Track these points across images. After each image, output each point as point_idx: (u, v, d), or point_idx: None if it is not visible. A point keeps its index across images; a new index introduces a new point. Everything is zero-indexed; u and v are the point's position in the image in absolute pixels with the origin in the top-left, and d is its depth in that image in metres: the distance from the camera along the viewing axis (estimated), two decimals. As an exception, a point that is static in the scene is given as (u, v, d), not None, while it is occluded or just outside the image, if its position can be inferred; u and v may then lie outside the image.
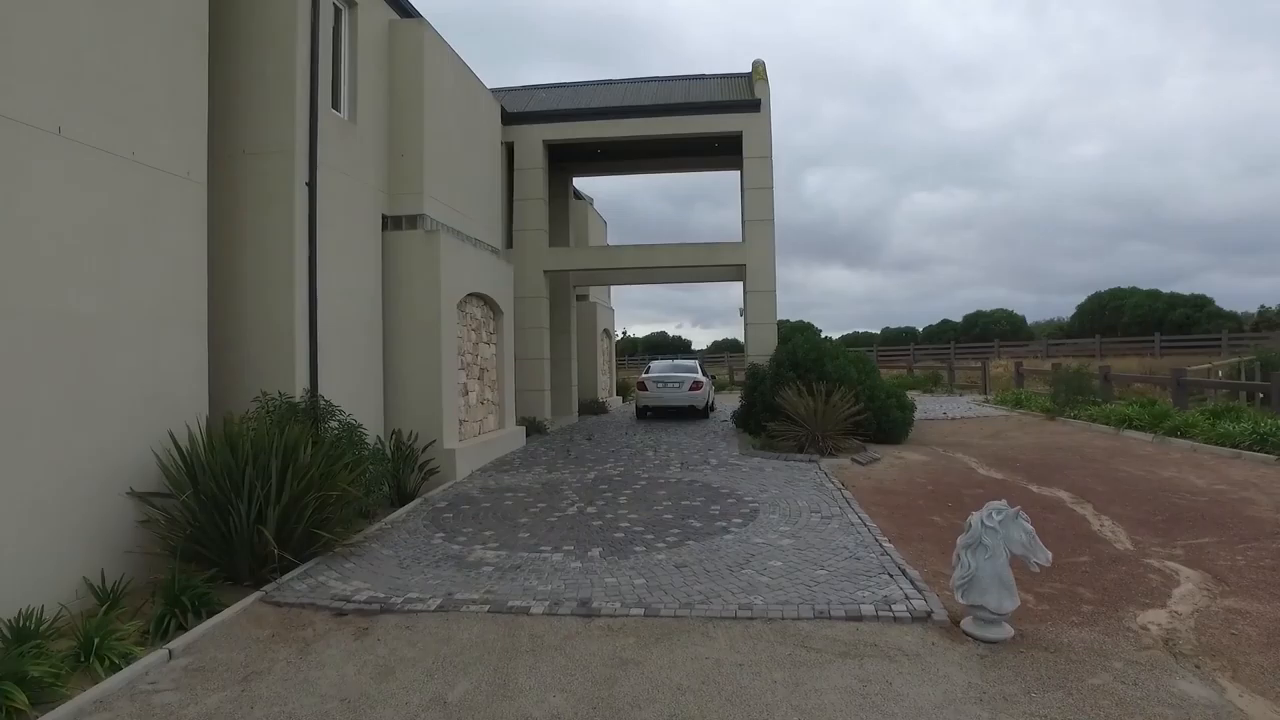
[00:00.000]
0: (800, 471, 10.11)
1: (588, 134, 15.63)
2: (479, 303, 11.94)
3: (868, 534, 6.83)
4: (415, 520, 7.86)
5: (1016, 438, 13.79)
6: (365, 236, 9.46)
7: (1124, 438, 12.91)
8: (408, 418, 9.81)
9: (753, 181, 15.07)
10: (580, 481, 9.77)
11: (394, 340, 9.90)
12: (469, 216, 11.74)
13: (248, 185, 7.86)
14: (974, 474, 10.13)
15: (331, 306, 8.48)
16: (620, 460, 11.51)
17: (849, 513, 7.65)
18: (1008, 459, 11.31)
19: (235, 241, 7.81)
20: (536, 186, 15.74)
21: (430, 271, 9.92)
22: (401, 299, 9.92)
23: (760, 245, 15.06)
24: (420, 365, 9.87)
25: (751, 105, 15.09)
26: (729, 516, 7.63)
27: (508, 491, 9.20)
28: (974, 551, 4.67)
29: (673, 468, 10.67)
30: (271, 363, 7.79)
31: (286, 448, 6.39)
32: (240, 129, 7.89)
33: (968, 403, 21.64)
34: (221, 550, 5.94)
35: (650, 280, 19.05)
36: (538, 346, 15.55)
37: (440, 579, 5.89)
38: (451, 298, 10.35)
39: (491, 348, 12.42)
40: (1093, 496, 8.41)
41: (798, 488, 9.00)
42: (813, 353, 13.48)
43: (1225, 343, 31.09)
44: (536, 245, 15.78)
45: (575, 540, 6.90)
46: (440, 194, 10.60)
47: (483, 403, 11.92)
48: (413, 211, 10.10)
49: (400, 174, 10.09)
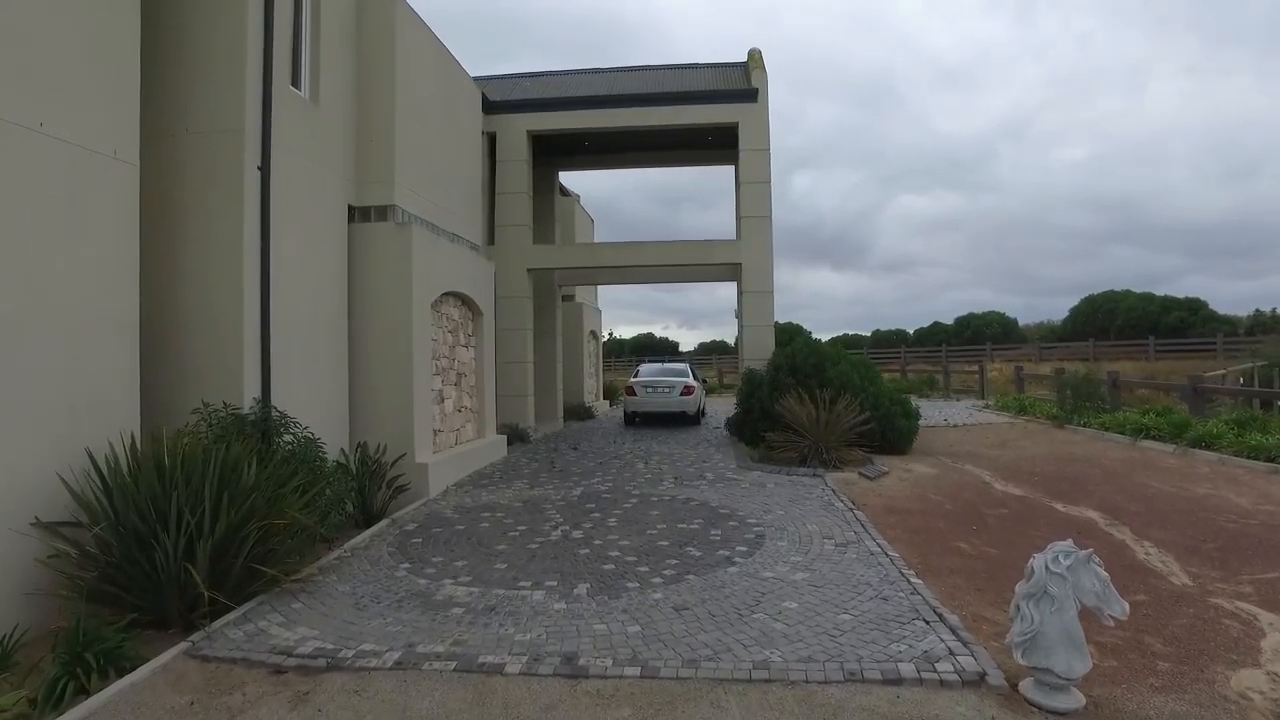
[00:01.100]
0: (805, 488, 9.32)
1: (574, 124, 14.78)
2: (456, 303, 11.08)
3: (890, 566, 6.05)
4: (380, 546, 7.00)
5: (1026, 447, 13.10)
6: (329, 228, 8.59)
7: (1142, 449, 12.23)
8: (376, 429, 8.94)
9: (749, 175, 14.28)
10: (565, 499, 8.93)
11: (361, 343, 9.03)
12: (446, 210, 10.88)
13: (191, 168, 6.98)
14: (991, 490, 9.39)
15: (288, 305, 7.62)
16: (609, 473, 10.68)
17: (865, 538, 6.86)
18: (1022, 472, 10.59)
19: (176, 231, 6.93)
20: (520, 180, 14.88)
21: (401, 267, 9.06)
22: (369, 298, 9.06)
23: (757, 243, 14.28)
24: (390, 371, 9.00)
25: (748, 95, 14.30)
26: (732, 543, 6.83)
27: (485, 511, 8.35)
28: (1037, 603, 3.89)
29: (666, 483, 9.85)
30: (216, 369, 6.91)
31: (225, 469, 5.53)
32: (183, 105, 7.00)
33: (967, 408, 20.98)
34: (145, 591, 5.07)
35: (639, 280, 18.27)
36: (521, 349, 14.69)
37: (401, 624, 5.04)
38: (425, 296, 9.49)
39: (470, 351, 11.56)
40: (1127, 517, 7.68)
41: (805, 507, 8.22)
42: (813, 357, 12.71)
43: (1221, 347, 30.73)
44: (520, 242, 14.92)
45: (559, 573, 6.07)
46: (414, 184, 9.74)
47: (460, 410, 11.06)
48: (382, 202, 9.23)
49: (369, 161, 9.22)
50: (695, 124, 14.62)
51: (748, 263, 14.30)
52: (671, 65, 16.91)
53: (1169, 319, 35.45)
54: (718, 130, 15.22)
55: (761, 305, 14.31)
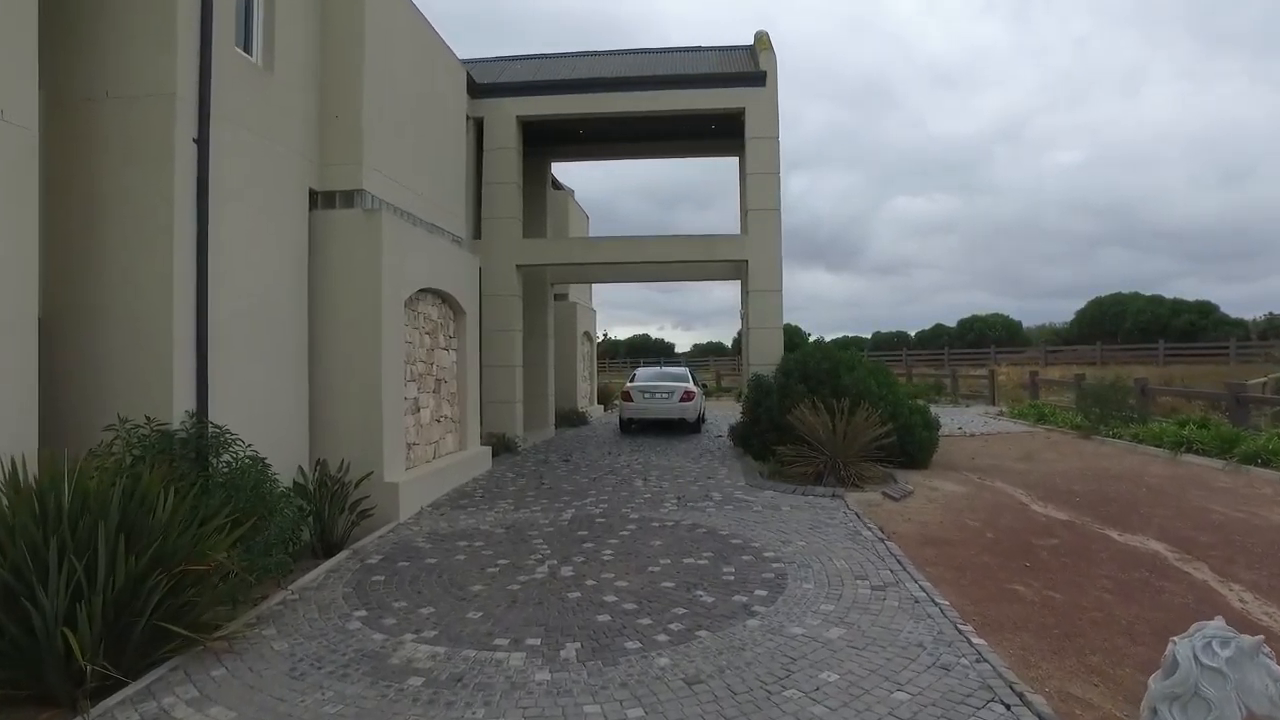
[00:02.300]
0: (825, 512, 8.29)
1: (567, 109, 13.70)
2: (435, 301, 10.02)
3: (942, 618, 5.03)
4: (334, 586, 5.94)
5: (1054, 461, 12.10)
6: (285, 215, 7.52)
7: (1186, 464, 11.24)
8: (340, 444, 7.88)
9: (756, 165, 13.23)
10: (554, 524, 7.88)
11: (324, 346, 7.97)
12: (424, 198, 9.82)
13: (111, 138, 5.91)
14: (1030, 512, 8.39)
15: (233, 302, 6.56)
16: (603, 492, 9.63)
17: (905, 579, 5.83)
18: (1059, 490, 9.59)
19: (92, 212, 5.86)
20: (509, 169, 13.79)
21: (369, 260, 8.00)
22: (333, 294, 8.00)
23: (764, 238, 13.23)
24: (356, 377, 7.95)
25: (755, 78, 13.25)
26: (748, 584, 5.79)
27: (462, 539, 7.30)
28: (1185, 709, 2.87)
29: (668, 504, 8.80)
30: (141, 376, 5.84)
31: (129, 503, 4.48)
32: (101, 63, 5.93)
33: (980, 415, 19.99)
34: (19, 662, 4.02)
35: (637, 278, 17.22)
36: (508, 352, 13.61)
37: (343, 702, 3.99)
38: (398, 293, 8.43)
39: (451, 354, 10.50)
40: (1199, 550, 6.68)
41: (827, 536, 7.19)
42: (825, 362, 11.69)
43: (1234, 351, 29.85)
44: (508, 236, 13.84)
45: (544, 626, 5.03)
46: (386, 167, 8.68)
47: (439, 420, 9.99)
48: (349, 186, 8.17)
49: (334, 140, 8.16)
50: (698, 109, 13.56)
51: (754, 260, 13.26)
52: (673, 49, 15.85)
53: (1179, 322, 34.54)
54: (722, 118, 14.18)
55: (769, 306, 13.26)
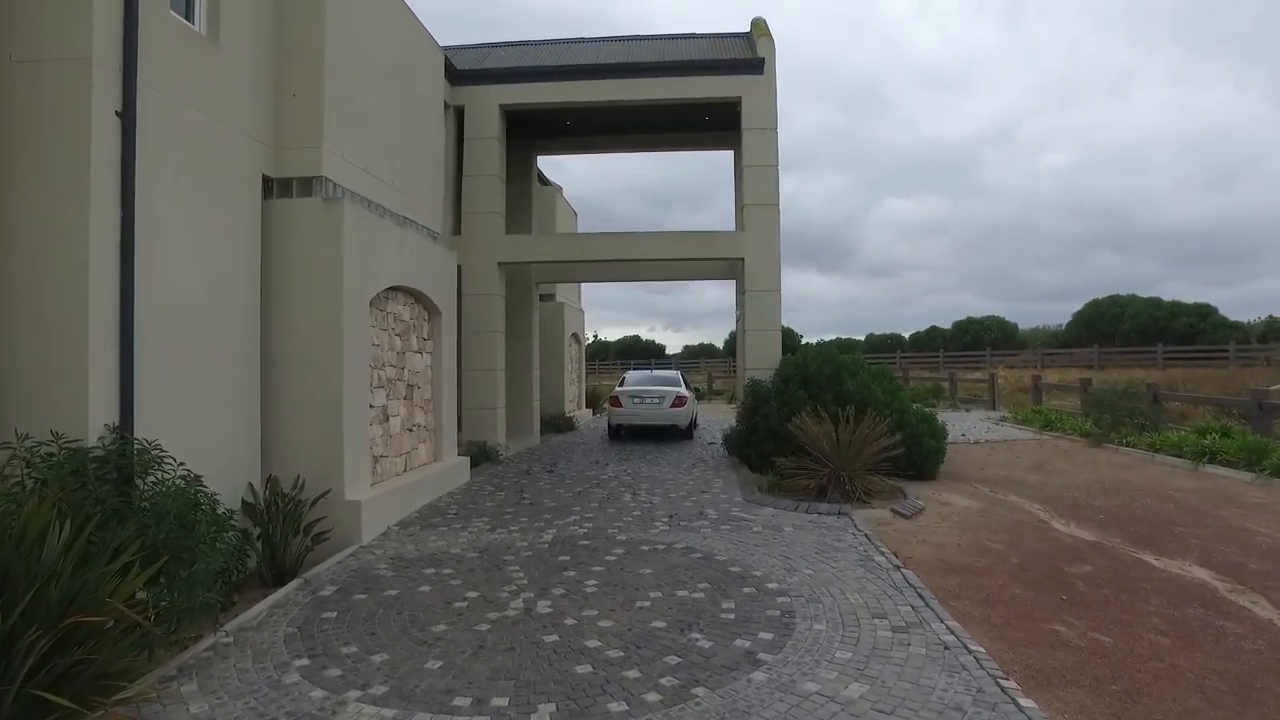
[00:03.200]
0: (832, 532, 7.55)
1: (554, 97, 12.92)
2: (408, 300, 9.24)
3: (978, 669, 4.30)
4: (277, 625, 5.16)
5: (1068, 472, 11.43)
6: (234, 202, 6.73)
7: (1210, 476, 10.57)
8: (296, 458, 7.10)
9: (753, 158, 12.50)
10: (532, 547, 7.12)
11: (278, 349, 7.18)
12: (396, 189, 9.04)
13: (17, 109, 5.12)
14: (1053, 532, 7.69)
15: (169, 301, 5.79)
16: (589, 508, 8.86)
17: (930, 618, 5.11)
18: (1079, 506, 8.90)
19: (-8, 196, 5.06)
20: (491, 161, 13.01)
21: (330, 253, 7.22)
22: (289, 292, 7.22)
23: (761, 235, 12.50)
24: (314, 384, 7.16)
25: (752, 66, 12.52)
26: (751, 625, 5.05)
27: (429, 566, 6.52)
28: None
29: (659, 523, 8.05)
30: (48, 386, 5.05)
31: (2, 541, 3.70)
32: (5, 22, 5.14)
33: (982, 421, 19.33)
34: None
35: (627, 277, 16.43)
36: (489, 355, 12.82)
37: (256, 795, 3.22)
38: (363, 290, 7.66)
39: (425, 358, 9.72)
40: (1251, 579, 6.00)
41: (837, 563, 6.45)
42: (827, 366, 10.97)
43: (1233, 354, 29.40)
44: (490, 232, 13.05)
45: (514, 679, 4.27)
46: (350, 152, 7.90)
47: (411, 430, 9.21)
48: (307, 173, 7.38)
49: (292, 121, 7.37)
50: (692, 98, 12.82)
51: (751, 257, 12.53)
52: (665, 35, 15.13)
53: (1177, 325, 34.07)
54: (717, 108, 13.46)
55: (766, 306, 12.53)
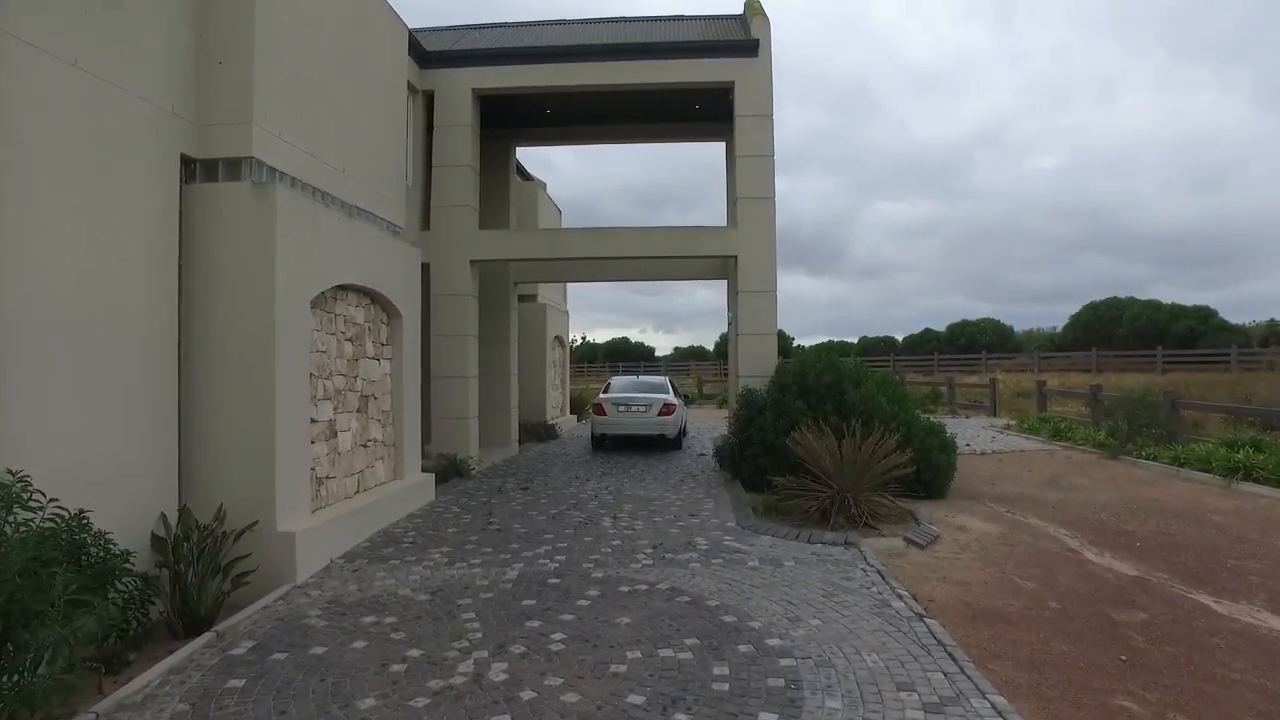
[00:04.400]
0: (840, 568, 6.60)
1: (532, 81, 11.93)
2: (362, 300, 8.25)
3: (1042, 774, 3.36)
4: (167, 700, 4.16)
5: (1087, 488, 10.55)
6: (140, 185, 5.73)
7: (1248, 495, 9.69)
8: (220, 483, 6.11)
9: (747, 147, 11.57)
10: (494, 587, 6.13)
11: (200, 357, 6.19)
12: (349, 176, 8.05)
13: None
14: (1088, 565, 6.79)
15: (46, 301, 4.79)
16: (563, 535, 7.87)
17: (968, 690, 4.16)
18: (1109, 531, 8.02)
19: None
20: (463, 150, 12.01)
21: (261, 246, 6.23)
22: (214, 290, 6.22)
23: (756, 231, 11.57)
24: (243, 397, 6.17)
25: (746, 48, 11.59)
26: (749, 699, 4.09)
27: (370, 612, 5.53)
28: None
29: (641, 555, 7.07)
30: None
31: None
32: None
33: (985, 429, 18.46)
34: None
35: (613, 277, 15.47)
36: (460, 361, 11.82)
37: None
38: (301, 289, 6.67)
39: (383, 364, 8.73)
40: (1336, 632, 5.09)
41: (849, 610, 5.50)
42: (827, 374, 10.05)
43: (1235, 358, 28.72)
44: (462, 227, 12.05)
45: (445, 792, 3.30)
46: (290, 132, 6.90)
47: (365, 445, 8.22)
48: (235, 153, 6.38)
49: (217, 93, 6.38)
50: (681, 83, 11.86)
51: (744, 255, 11.60)
52: (652, 17, 14.20)
53: (1177, 328, 33.39)
54: (707, 96, 12.53)
55: (761, 308, 11.59)
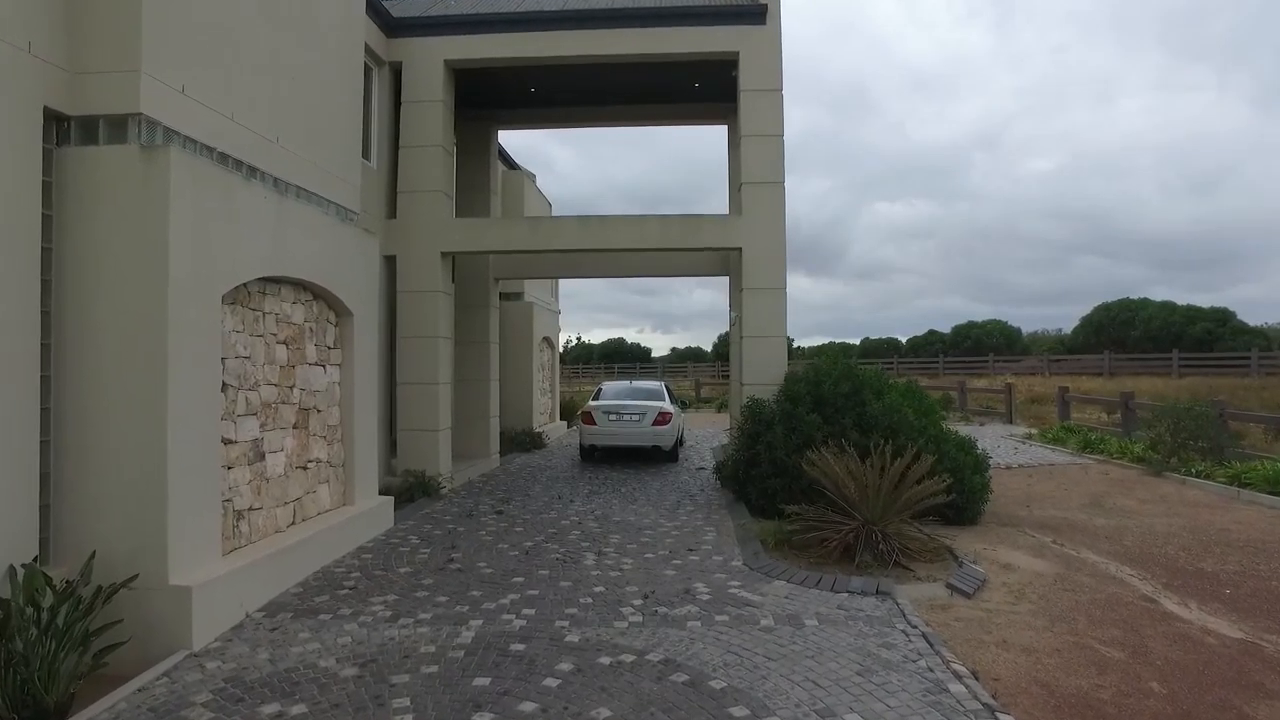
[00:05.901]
0: (874, 627, 5.31)
1: (512, 52, 10.63)
2: (300, 296, 6.98)
3: None
4: None
5: (1138, 512, 9.31)
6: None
7: (1327, 523, 8.47)
8: (95, 525, 4.84)
9: (753, 126, 10.29)
10: (442, 656, 4.84)
11: (74, 366, 4.91)
12: (281, 146, 6.76)
13: None
14: (1177, 623, 5.53)
15: None
16: (536, 578, 6.55)
17: None
18: (1184, 571, 6.79)
19: None
20: (434, 128, 10.72)
21: (150, 224, 4.96)
22: (91, 280, 4.95)
23: (763, 220, 10.29)
24: (125, 414, 4.90)
25: (752, 13, 10.31)
26: None
27: (274, 698, 4.24)
28: None
29: (628, 608, 5.77)
30: None
31: None
32: None
33: (1004, 438, 17.19)
34: None
35: (602, 272, 14.08)
36: (429, 366, 10.52)
37: None
38: (209, 281, 5.39)
39: (329, 372, 7.45)
40: None
41: (894, 698, 4.22)
42: (845, 384, 8.80)
43: (1255, 362, 27.55)
44: (432, 215, 10.75)
45: None
46: (199, 87, 5.62)
47: (306, 468, 6.94)
48: (119, 109, 5.10)
49: (94, 35, 5.10)
50: (679, 53, 10.56)
51: (749, 248, 10.32)
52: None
53: (1194, 331, 32.15)
54: (708, 72, 11.28)
55: (768, 308, 10.31)
